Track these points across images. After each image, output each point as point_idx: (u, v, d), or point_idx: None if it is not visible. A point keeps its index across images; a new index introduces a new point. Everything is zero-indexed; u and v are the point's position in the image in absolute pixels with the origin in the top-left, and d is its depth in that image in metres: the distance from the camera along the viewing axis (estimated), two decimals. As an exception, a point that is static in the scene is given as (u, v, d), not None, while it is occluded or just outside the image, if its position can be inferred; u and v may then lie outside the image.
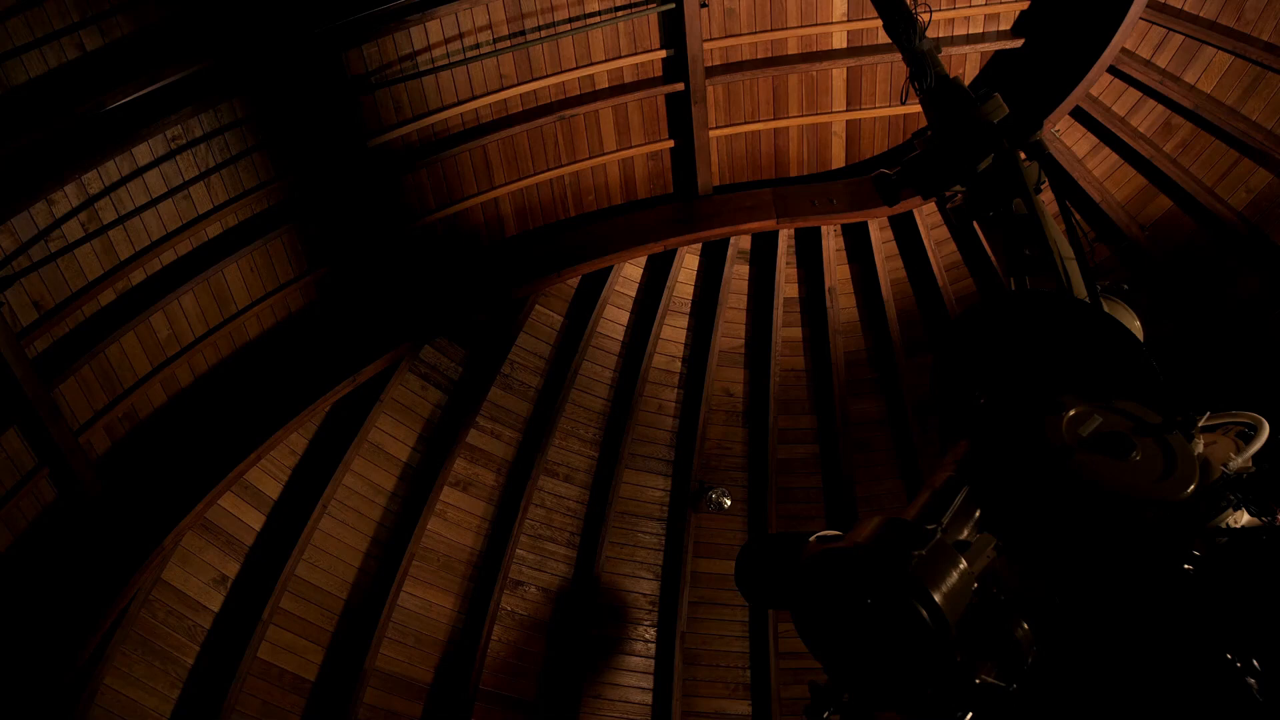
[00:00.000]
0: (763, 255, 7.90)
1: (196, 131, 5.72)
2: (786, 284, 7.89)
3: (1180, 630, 1.62)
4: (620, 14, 6.64)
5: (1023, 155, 3.03)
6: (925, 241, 7.60)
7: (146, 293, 5.93)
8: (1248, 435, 2.27)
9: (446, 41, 6.35)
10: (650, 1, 6.66)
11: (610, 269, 7.63)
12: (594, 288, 7.69)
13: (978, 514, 1.90)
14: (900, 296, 7.82)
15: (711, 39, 6.91)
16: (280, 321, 6.70)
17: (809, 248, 7.85)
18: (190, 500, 6.04)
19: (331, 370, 6.66)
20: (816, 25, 6.99)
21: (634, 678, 7.50)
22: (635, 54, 6.89)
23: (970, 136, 2.88)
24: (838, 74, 7.25)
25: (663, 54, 6.93)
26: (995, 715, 1.58)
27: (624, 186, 7.57)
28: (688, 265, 7.93)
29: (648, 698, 7.44)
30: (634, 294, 7.90)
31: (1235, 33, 6.37)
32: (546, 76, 6.77)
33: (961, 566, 1.64)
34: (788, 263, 7.86)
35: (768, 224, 7.53)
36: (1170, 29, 6.61)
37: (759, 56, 7.15)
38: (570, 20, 6.59)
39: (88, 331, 5.74)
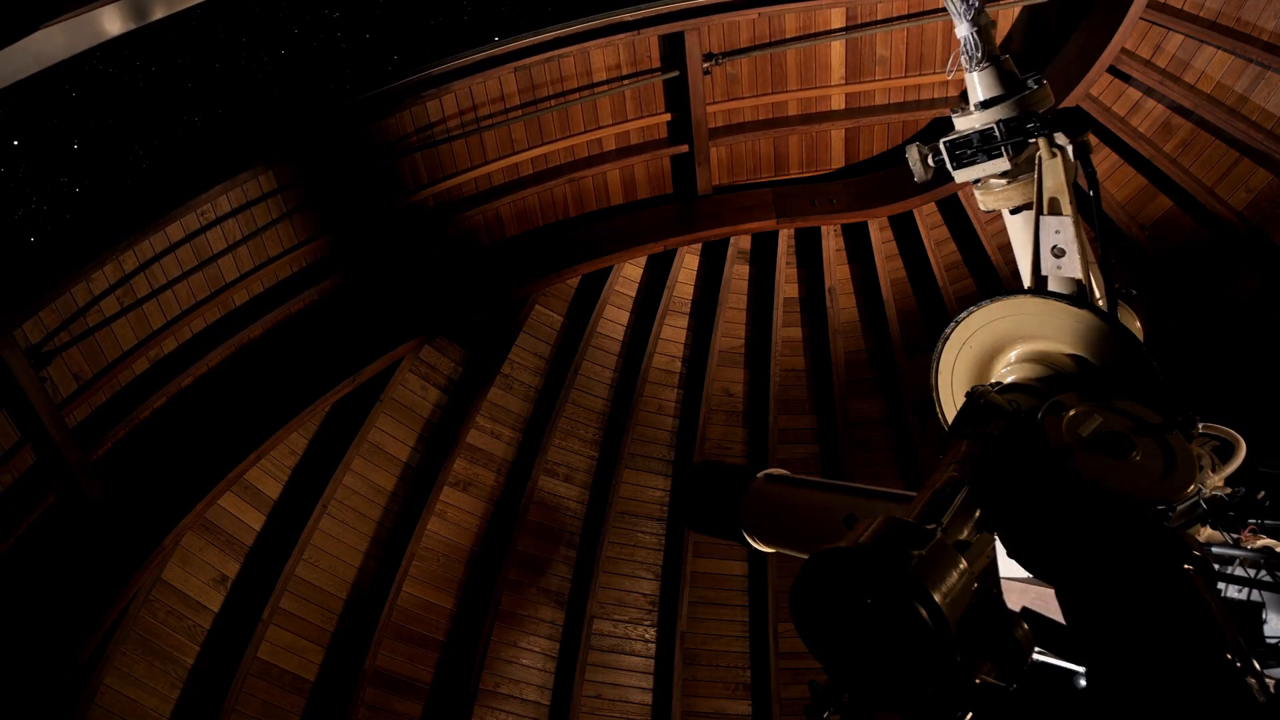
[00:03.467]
0: (763, 255, 7.90)
1: (225, 208, 6.02)
2: (786, 284, 7.89)
3: (1180, 630, 1.62)
4: (626, 82, 6.96)
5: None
6: (925, 241, 7.60)
7: (178, 360, 6.16)
8: (1224, 452, 2.20)
9: (461, 114, 6.69)
10: (656, 70, 6.96)
11: (610, 269, 7.63)
12: (594, 288, 7.69)
13: (978, 514, 1.90)
14: (900, 296, 7.82)
15: (715, 102, 7.18)
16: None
17: (809, 248, 7.85)
18: (190, 500, 6.04)
19: (331, 370, 6.67)
20: (816, 88, 7.26)
21: (634, 678, 7.50)
22: (641, 117, 7.19)
23: (1017, 125, 2.73)
24: (836, 134, 7.54)
25: (667, 117, 7.22)
26: (995, 715, 1.58)
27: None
28: (688, 265, 7.93)
29: (648, 698, 7.44)
30: (634, 294, 7.90)
31: (1235, 33, 6.36)
32: (556, 140, 7.07)
33: (961, 566, 1.64)
34: (788, 263, 7.86)
35: (767, 224, 7.53)
36: (1170, 29, 6.61)
37: (760, 118, 7.43)
38: (579, 90, 6.90)
39: (124, 399, 5.98)
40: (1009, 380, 2.53)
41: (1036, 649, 1.87)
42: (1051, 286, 2.68)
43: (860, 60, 7.17)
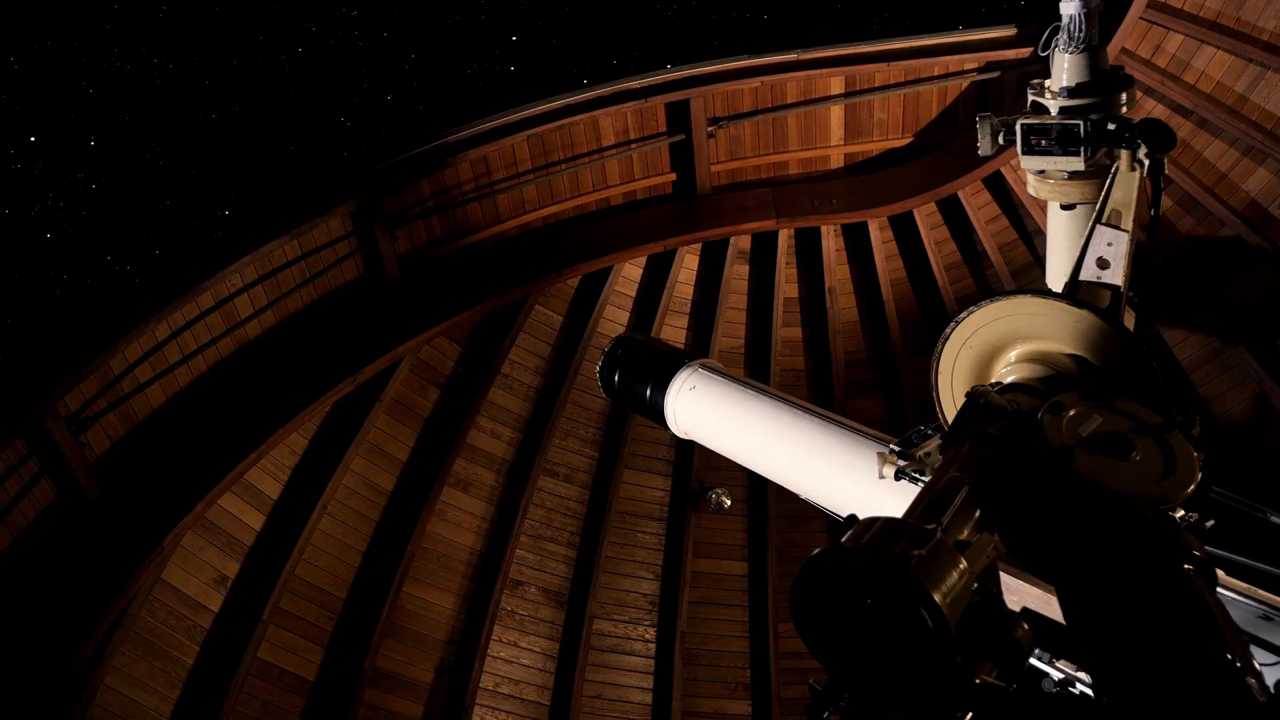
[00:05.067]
0: (763, 255, 7.90)
1: (251, 275, 6.34)
2: (786, 284, 7.89)
3: (1179, 630, 1.62)
4: (634, 146, 7.30)
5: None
6: (925, 241, 7.60)
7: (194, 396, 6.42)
8: None
9: (476, 178, 7.03)
10: (662, 134, 7.30)
11: (610, 269, 7.64)
12: (594, 288, 7.69)
13: (978, 514, 1.90)
14: (900, 296, 7.82)
15: (718, 161, 7.45)
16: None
17: (809, 248, 7.85)
18: (190, 500, 6.05)
19: (331, 370, 6.67)
20: (815, 148, 7.56)
21: (634, 678, 7.50)
22: (648, 176, 7.54)
23: (1102, 127, 2.57)
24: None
25: (672, 176, 7.57)
26: (995, 715, 1.58)
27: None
28: (687, 265, 7.93)
29: (648, 698, 7.44)
30: (634, 294, 7.91)
31: (1235, 33, 6.36)
32: (565, 200, 7.40)
33: (961, 566, 1.64)
34: (787, 263, 7.86)
35: (767, 224, 7.55)
36: (1170, 29, 6.61)
37: (762, 177, 7.71)
38: (588, 154, 7.23)
39: (150, 452, 6.22)
40: (1009, 380, 2.53)
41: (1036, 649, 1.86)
42: (1084, 294, 2.63)
43: (859, 123, 7.49)
